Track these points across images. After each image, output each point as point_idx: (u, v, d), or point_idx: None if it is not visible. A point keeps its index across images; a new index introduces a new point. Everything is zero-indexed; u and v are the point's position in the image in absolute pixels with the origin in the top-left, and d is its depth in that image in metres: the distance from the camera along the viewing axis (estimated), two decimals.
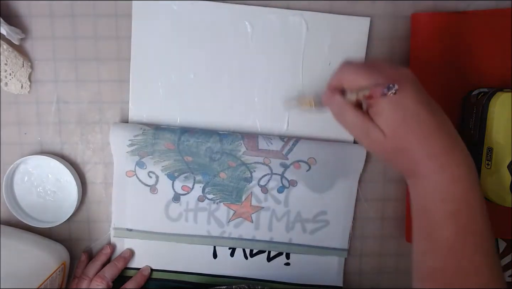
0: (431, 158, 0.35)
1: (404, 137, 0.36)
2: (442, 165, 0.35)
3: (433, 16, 0.48)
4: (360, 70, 0.36)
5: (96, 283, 0.49)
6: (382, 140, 0.36)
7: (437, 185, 0.36)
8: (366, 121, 0.36)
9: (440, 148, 0.35)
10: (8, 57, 0.47)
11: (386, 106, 0.35)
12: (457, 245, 0.35)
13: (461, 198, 0.35)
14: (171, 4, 0.49)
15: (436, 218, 0.36)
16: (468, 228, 0.35)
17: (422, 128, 0.35)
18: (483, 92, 0.48)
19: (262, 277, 0.54)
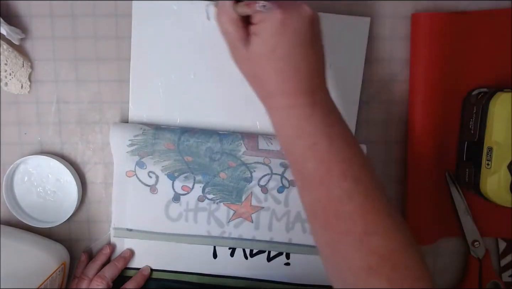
0: (284, 95, 0.36)
1: (263, 67, 0.36)
2: (294, 104, 0.36)
3: (433, 16, 0.48)
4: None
5: (96, 283, 0.49)
6: (245, 60, 0.37)
7: (289, 121, 0.37)
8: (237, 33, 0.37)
9: (295, 88, 0.36)
10: (8, 57, 0.47)
11: (263, 29, 0.36)
12: (323, 174, 0.36)
13: (317, 133, 0.36)
14: (171, 4, 0.49)
15: (296, 152, 0.37)
16: (332, 158, 0.36)
17: (283, 66, 0.36)
18: (483, 92, 0.48)
19: (262, 277, 0.54)
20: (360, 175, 0.36)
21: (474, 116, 0.48)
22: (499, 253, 0.54)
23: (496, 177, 0.46)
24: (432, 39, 0.48)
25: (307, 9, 0.36)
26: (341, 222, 0.35)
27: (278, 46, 0.35)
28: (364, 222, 0.34)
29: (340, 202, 0.35)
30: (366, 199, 0.35)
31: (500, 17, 0.49)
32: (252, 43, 0.37)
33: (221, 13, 0.38)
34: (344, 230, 0.35)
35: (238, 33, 0.37)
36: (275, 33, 0.35)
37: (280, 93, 0.36)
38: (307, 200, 0.38)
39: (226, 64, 0.50)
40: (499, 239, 0.54)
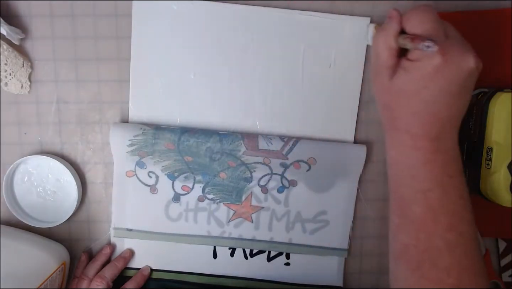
0: (412, 135, 0.36)
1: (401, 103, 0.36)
2: (419, 146, 0.35)
3: None
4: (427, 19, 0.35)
5: (96, 283, 0.49)
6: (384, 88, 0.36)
7: (408, 160, 0.36)
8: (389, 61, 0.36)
9: (425, 132, 0.35)
10: (8, 57, 0.47)
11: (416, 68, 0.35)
12: (428, 222, 0.35)
13: (432, 180, 0.35)
14: (171, 4, 0.49)
15: (407, 193, 0.36)
16: (441, 208, 0.35)
17: (424, 109, 0.35)
18: (483, 92, 0.48)
19: (262, 277, 0.54)
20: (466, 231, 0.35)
21: (474, 116, 0.48)
22: (499, 253, 0.54)
23: (496, 177, 0.46)
24: None
25: (471, 61, 0.34)
26: (435, 271, 0.35)
27: (425, 90, 0.34)
28: (458, 277, 0.34)
29: (440, 253, 0.35)
30: (465, 255, 0.35)
31: (500, 17, 0.49)
32: (399, 77, 0.36)
33: (381, 36, 0.37)
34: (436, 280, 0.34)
35: (389, 62, 0.36)
36: (427, 77, 0.34)
37: (408, 133, 0.36)
38: (402, 239, 0.37)
39: (226, 64, 0.50)
40: (499, 239, 0.54)
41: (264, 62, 0.50)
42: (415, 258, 0.36)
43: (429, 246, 0.35)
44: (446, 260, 0.34)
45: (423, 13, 0.36)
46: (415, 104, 0.35)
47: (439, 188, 0.35)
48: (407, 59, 0.36)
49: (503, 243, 0.54)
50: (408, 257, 0.36)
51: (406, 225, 0.36)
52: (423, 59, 0.34)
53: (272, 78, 0.50)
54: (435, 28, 0.35)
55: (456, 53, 0.34)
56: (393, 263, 0.38)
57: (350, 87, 0.51)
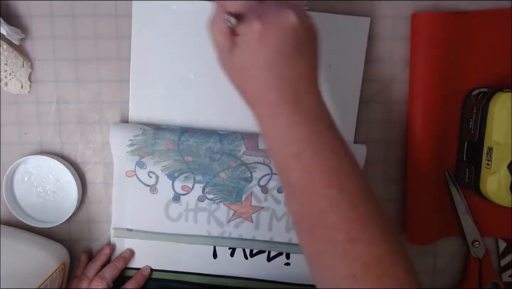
0: (267, 105, 0.36)
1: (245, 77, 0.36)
2: (277, 113, 0.35)
3: (433, 16, 0.48)
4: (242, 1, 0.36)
5: (96, 283, 0.49)
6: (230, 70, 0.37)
7: (273, 130, 0.36)
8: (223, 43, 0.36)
9: (278, 98, 0.35)
10: (8, 57, 0.47)
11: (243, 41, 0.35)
12: (307, 184, 0.35)
13: (301, 142, 0.35)
14: (171, 4, 0.49)
15: (281, 161, 0.36)
16: (316, 167, 0.35)
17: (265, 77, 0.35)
18: (483, 92, 0.48)
19: (262, 277, 0.54)
20: (346, 184, 0.35)
21: (474, 116, 0.48)
22: (499, 253, 0.54)
23: (496, 177, 0.46)
24: (432, 39, 0.48)
25: (290, 17, 0.35)
26: (325, 231, 0.34)
27: (259, 57, 0.35)
28: (348, 230, 0.34)
29: (323, 212, 0.34)
30: (350, 208, 0.34)
31: (500, 17, 0.49)
32: (235, 54, 0.36)
33: (212, 22, 0.37)
34: (327, 239, 0.34)
35: (225, 43, 0.36)
36: (255, 45, 0.35)
37: (264, 103, 0.36)
38: (292, 209, 0.37)
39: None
40: (499, 239, 0.54)
41: None
42: (305, 223, 0.36)
43: (313, 207, 0.35)
44: (332, 218, 0.34)
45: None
46: (257, 75, 0.35)
47: (309, 148, 0.35)
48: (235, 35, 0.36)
49: (503, 243, 0.54)
50: (300, 224, 0.36)
51: (291, 194, 0.37)
52: (246, 31, 0.35)
53: None
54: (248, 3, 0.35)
55: (272, 14, 0.35)
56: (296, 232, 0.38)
57: (350, 87, 0.51)
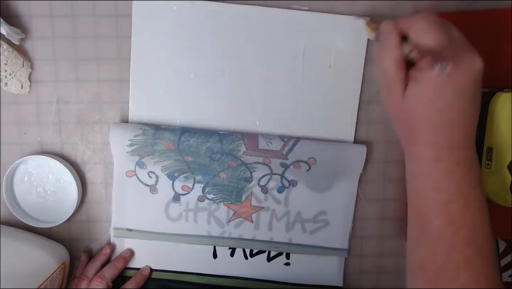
0: (432, 147, 0.35)
1: (417, 116, 0.35)
2: (440, 157, 0.35)
3: None
4: (432, 28, 0.34)
5: (95, 283, 0.49)
6: (397, 103, 0.36)
7: (429, 172, 0.35)
8: (398, 76, 0.35)
9: (445, 141, 0.35)
10: (8, 57, 0.47)
11: (427, 78, 0.34)
12: (447, 236, 0.35)
13: (454, 191, 0.35)
14: (171, 4, 0.49)
15: (426, 205, 0.36)
16: (461, 221, 0.35)
17: (440, 118, 0.34)
18: (483, 92, 0.48)
19: (262, 277, 0.54)
20: (483, 245, 0.35)
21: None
22: (499, 253, 0.54)
23: (496, 177, 0.46)
24: None
25: (479, 62, 0.34)
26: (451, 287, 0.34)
27: (439, 98, 0.34)
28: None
29: (457, 268, 0.34)
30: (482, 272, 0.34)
31: (500, 17, 0.49)
32: (411, 89, 0.35)
33: (385, 50, 0.36)
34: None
35: (399, 75, 0.35)
36: (439, 85, 0.34)
37: (428, 144, 0.35)
38: (418, 253, 0.36)
39: (226, 64, 0.50)
40: (499, 239, 0.54)
41: (264, 62, 0.50)
42: (432, 272, 0.35)
43: (447, 260, 0.34)
44: (463, 276, 0.34)
45: (427, 21, 0.35)
46: (431, 115, 0.35)
47: (461, 199, 0.35)
48: (415, 69, 0.36)
49: (503, 243, 0.54)
50: (426, 271, 0.36)
51: (425, 239, 0.36)
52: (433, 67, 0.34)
53: (272, 78, 0.50)
54: (441, 36, 0.35)
55: (464, 57, 0.34)
56: (410, 276, 0.37)
57: (350, 87, 0.51)
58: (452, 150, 0.35)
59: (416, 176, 0.37)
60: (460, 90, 0.34)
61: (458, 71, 0.34)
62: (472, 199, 0.35)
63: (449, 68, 0.33)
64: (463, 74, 0.34)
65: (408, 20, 0.36)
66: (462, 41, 0.36)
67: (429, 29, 0.35)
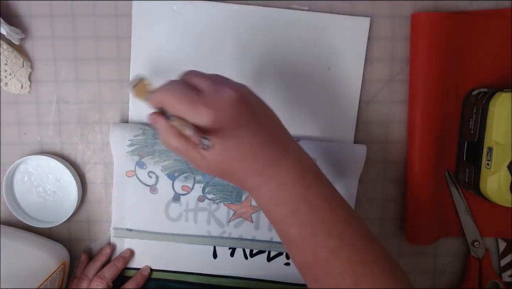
0: (256, 174, 0.37)
1: (226, 163, 0.36)
2: (268, 177, 0.36)
3: (433, 16, 0.48)
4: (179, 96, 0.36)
5: (96, 283, 0.49)
6: (206, 166, 0.37)
7: (267, 193, 0.37)
8: (189, 149, 0.36)
9: (262, 163, 0.36)
10: (8, 57, 0.47)
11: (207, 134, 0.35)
12: (307, 237, 0.36)
13: (295, 199, 0.36)
14: (171, 4, 0.49)
15: (279, 220, 0.37)
16: (313, 219, 0.36)
17: (241, 152, 0.36)
18: (483, 92, 0.48)
19: (262, 277, 0.54)
20: (345, 230, 0.36)
21: (474, 116, 0.48)
22: (499, 253, 0.54)
23: (496, 177, 0.46)
24: (432, 39, 0.48)
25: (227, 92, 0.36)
26: (330, 279, 0.35)
27: (222, 140, 0.35)
28: (353, 275, 0.35)
29: (327, 261, 0.35)
30: (353, 253, 0.35)
31: (500, 17, 0.49)
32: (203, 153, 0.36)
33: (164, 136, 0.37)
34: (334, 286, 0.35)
35: (188, 145, 0.36)
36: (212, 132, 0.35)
37: (252, 173, 0.37)
38: (295, 261, 0.38)
39: (226, 64, 0.50)
40: (499, 239, 0.54)
41: (263, 62, 0.50)
42: (310, 273, 0.37)
43: (316, 258, 0.36)
44: (336, 266, 0.35)
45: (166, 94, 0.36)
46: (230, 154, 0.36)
47: (303, 203, 0.36)
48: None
49: (503, 243, 0.54)
50: (306, 273, 0.38)
51: (293, 248, 0.38)
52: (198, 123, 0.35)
53: (272, 78, 0.50)
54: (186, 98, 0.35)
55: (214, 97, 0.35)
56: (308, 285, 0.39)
57: (350, 87, 0.51)
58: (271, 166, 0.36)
59: (261, 203, 0.38)
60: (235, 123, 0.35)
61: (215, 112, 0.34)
62: (313, 196, 0.36)
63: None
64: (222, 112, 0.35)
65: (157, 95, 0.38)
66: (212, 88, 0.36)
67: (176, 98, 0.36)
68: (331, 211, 0.37)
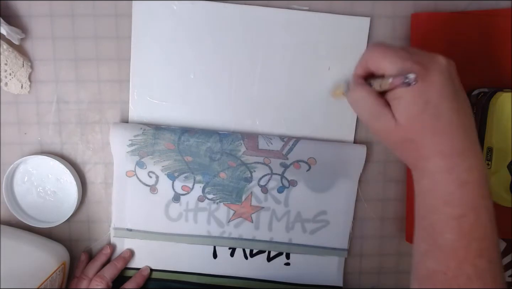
0: (441, 156, 0.34)
1: (416, 129, 0.34)
2: (452, 166, 0.34)
3: (433, 16, 0.48)
4: (387, 53, 0.35)
5: (95, 283, 0.49)
6: (391, 128, 0.35)
7: (442, 186, 0.34)
8: (380, 105, 0.35)
9: (452, 148, 0.34)
10: (8, 57, 0.47)
11: (406, 93, 0.34)
12: (459, 249, 0.34)
13: (467, 204, 0.34)
14: (171, 4, 0.49)
15: (439, 220, 0.35)
16: (473, 234, 0.34)
17: (438, 123, 0.34)
18: (483, 92, 0.48)
19: (262, 277, 0.54)
20: (493, 255, 0.35)
21: (474, 116, 0.48)
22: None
23: (496, 177, 0.46)
24: (432, 39, 0.48)
25: (440, 59, 0.35)
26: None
27: (426, 103, 0.34)
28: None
29: (469, 280, 0.34)
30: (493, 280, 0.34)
31: (500, 17, 0.49)
32: (397, 108, 0.35)
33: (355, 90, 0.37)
34: None
35: (381, 103, 0.35)
36: (419, 92, 0.33)
37: (438, 154, 0.34)
38: (429, 265, 0.36)
39: (226, 64, 0.50)
40: (499, 239, 0.54)
41: (264, 62, 0.50)
42: (443, 284, 0.35)
43: (459, 273, 0.34)
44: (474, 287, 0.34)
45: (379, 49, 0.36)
46: (426, 122, 0.34)
47: (473, 212, 0.34)
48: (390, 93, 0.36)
49: (503, 243, 0.54)
50: (436, 283, 0.35)
51: (435, 252, 0.35)
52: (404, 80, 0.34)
53: (272, 78, 0.50)
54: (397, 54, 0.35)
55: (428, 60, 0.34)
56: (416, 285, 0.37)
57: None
58: (460, 155, 0.34)
59: (427, 190, 0.36)
60: (441, 91, 0.34)
61: (428, 73, 0.34)
62: (484, 210, 0.35)
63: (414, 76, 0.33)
64: (434, 77, 0.34)
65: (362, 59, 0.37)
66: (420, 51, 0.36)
67: (384, 55, 0.35)
68: (490, 232, 0.35)
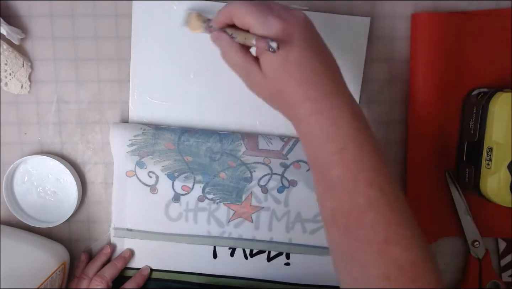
0: (310, 101, 0.36)
1: (283, 81, 0.36)
2: (322, 108, 0.36)
3: (433, 16, 0.48)
4: (251, 8, 0.36)
5: (95, 283, 0.49)
6: (262, 82, 0.37)
7: (318, 127, 0.36)
8: (248, 61, 0.37)
9: (320, 92, 0.36)
10: (8, 57, 0.47)
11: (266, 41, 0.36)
12: (348, 181, 0.35)
13: (344, 138, 0.35)
14: (171, 4, 0.49)
15: (323, 158, 0.36)
16: (358, 165, 0.35)
17: (302, 73, 0.36)
18: (483, 92, 0.48)
19: (262, 277, 0.54)
20: (385, 184, 0.35)
21: (474, 116, 0.48)
22: (499, 253, 0.54)
23: (496, 177, 0.46)
24: (432, 39, 0.48)
25: (301, 14, 0.37)
26: (362, 230, 0.34)
27: (289, 54, 0.35)
28: (386, 232, 0.34)
29: (363, 210, 0.34)
30: (389, 209, 0.34)
31: (500, 17, 0.49)
32: (263, 62, 0.37)
33: (226, 50, 0.38)
34: (364, 239, 0.34)
35: (248, 58, 0.37)
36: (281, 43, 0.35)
37: (306, 100, 0.36)
38: (328, 205, 0.37)
39: (226, 64, 0.50)
40: (499, 239, 0.54)
41: None
42: (342, 221, 0.35)
43: (352, 206, 0.35)
44: (370, 217, 0.34)
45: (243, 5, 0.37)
46: (293, 71, 0.36)
47: (352, 144, 0.35)
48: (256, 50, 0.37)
49: (503, 243, 0.54)
50: (336, 221, 0.36)
51: (330, 191, 0.36)
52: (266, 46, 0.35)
53: None
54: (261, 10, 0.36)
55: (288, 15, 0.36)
56: (326, 231, 0.38)
57: (350, 87, 0.50)
58: (328, 97, 0.36)
59: (307, 134, 0.37)
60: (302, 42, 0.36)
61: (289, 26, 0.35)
62: (364, 142, 0.36)
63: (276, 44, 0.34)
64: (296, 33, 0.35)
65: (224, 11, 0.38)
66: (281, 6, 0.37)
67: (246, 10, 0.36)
68: (376, 162, 0.35)
